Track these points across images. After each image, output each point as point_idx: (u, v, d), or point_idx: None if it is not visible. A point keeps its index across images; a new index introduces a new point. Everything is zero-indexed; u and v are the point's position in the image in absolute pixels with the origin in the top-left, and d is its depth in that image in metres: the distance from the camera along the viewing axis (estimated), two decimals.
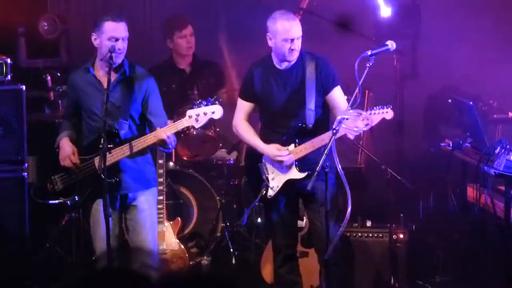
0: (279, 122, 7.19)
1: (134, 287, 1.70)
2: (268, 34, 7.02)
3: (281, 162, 6.96)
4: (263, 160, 7.13)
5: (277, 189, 7.03)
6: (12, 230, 7.39)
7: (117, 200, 6.95)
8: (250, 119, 7.31)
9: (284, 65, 7.11)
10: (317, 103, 7.08)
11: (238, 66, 8.94)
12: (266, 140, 7.05)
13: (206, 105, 6.81)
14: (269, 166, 7.12)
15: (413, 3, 8.99)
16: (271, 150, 7.02)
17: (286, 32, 6.94)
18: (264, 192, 7.03)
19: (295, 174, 7.03)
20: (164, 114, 7.16)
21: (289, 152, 6.97)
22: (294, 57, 6.98)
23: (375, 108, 6.93)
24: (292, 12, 7.22)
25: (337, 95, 7.14)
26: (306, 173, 6.98)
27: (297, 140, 7.02)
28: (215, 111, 6.79)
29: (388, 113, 6.95)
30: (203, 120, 6.79)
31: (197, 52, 9.06)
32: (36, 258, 7.61)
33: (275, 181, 7.07)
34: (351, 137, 6.84)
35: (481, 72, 8.47)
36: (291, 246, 7.27)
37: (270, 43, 7.04)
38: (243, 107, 7.22)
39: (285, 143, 7.03)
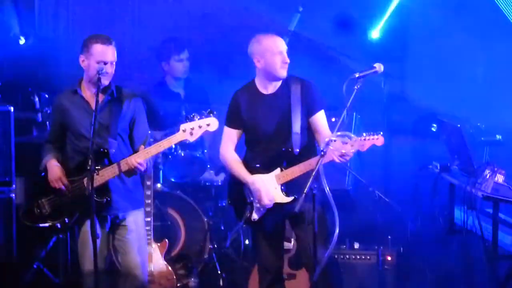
0: (265, 147, 7.15)
1: None
2: (256, 57, 7.02)
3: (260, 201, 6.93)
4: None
5: (263, 213, 6.98)
6: (0, 252, 7.40)
7: (107, 221, 6.91)
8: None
9: (270, 89, 7.12)
10: (303, 126, 7.06)
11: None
12: (252, 163, 7.02)
13: (201, 118, 6.77)
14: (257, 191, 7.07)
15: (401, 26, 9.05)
16: (253, 184, 6.96)
17: (275, 45, 7.00)
18: (249, 215, 6.99)
19: (281, 198, 6.99)
20: (149, 135, 7.11)
21: (275, 176, 6.94)
22: (285, 72, 6.98)
23: (365, 134, 6.84)
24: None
25: (321, 119, 7.15)
26: (292, 197, 6.94)
27: (284, 163, 6.98)
28: (211, 123, 6.78)
29: (378, 140, 6.90)
30: (198, 133, 6.79)
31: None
32: (23, 279, 7.62)
33: (260, 206, 7.02)
34: (337, 160, 6.85)
35: (469, 95, 8.52)
36: (277, 268, 7.21)
37: (259, 65, 7.04)
38: (230, 135, 7.19)
39: (270, 168, 6.99)
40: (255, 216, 6.99)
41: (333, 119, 7.32)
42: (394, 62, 8.17)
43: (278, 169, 6.98)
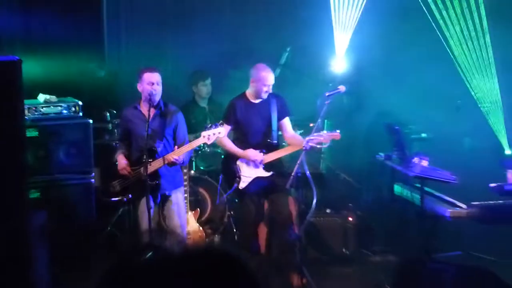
0: (251, 139, 7.24)
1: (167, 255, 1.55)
2: (252, 78, 7.16)
3: (255, 160, 7.10)
4: (238, 163, 7.20)
5: (247, 183, 7.14)
6: (84, 219, 7.32)
7: (157, 197, 6.97)
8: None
9: (257, 100, 7.25)
10: (277, 127, 7.26)
11: None
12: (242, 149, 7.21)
13: (215, 127, 6.83)
14: (242, 167, 7.21)
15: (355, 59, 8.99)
16: (250, 153, 7.15)
17: (265, 80, 7.12)
18: (237, 185, 7.12)
19: (262, 172, 7.18)
20: (186, 138, 7.11)
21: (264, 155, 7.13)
22: (266, 95, 7.16)
23: (328, 131, 7.16)
24: (268, 66, 7.29)
25: (286, 123, 7.34)
26: (271, 173, 7.16)
27: (264, 150, 7.17)
28: (221, 131, 6.85)
29: (337, 135, 7.09)
30: (212, 138, 6.83)
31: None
32: (100, 239, 7.61)
33: (246, 177, 7.18)
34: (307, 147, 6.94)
35: (405, 105, 8.42)
36: (258, 221, 7.34)
37: (252, 85, 7.19)
38: (226, 129, 7.14)
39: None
40: (242, 185, 7.14)
41: (311, 125, 7.52)
42: (352, 84, 8.01)
43: (261, 154, 7.14)
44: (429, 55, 8.76)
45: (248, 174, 7.19)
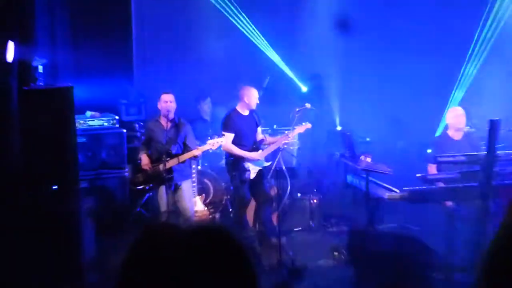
0: (245, 143, 7.14)
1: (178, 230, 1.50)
2: (245, 96, 7.11)
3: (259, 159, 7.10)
4: (245, 162, 7.08)
5: (254, 174, 7.15)
6: (120, 202, 7.25)
7: (171, 187, 6.90)
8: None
9: (245, 113, 7.17)
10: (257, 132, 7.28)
11: None
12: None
13: (219, 137, 6.97)
14: (250, 164, 7.12)
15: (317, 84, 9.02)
16: (253, 154, 7.09)
17: (255, 95, 7.19)
18: (246, 177, 7.08)
19: (264, 164, 7.17)
20: (195, 143, 7.09)
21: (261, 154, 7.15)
22: (255, 108, 7.18)
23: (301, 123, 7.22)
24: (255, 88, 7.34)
25: (259, 130, 7.32)
26: (270, 162, 7.19)
27: (261, 149, 7.21)
28: (223, 140, 6.95)
29: (307, 125, 7.21)
30: (215, 146, 6.93)
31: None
32: (131, 217, 7.55)
33: (252, 171, 7.12)
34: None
35: (353, 117, 8.48)
36: (249, 203, 7.34)
37: (246, 100, 7.12)
38: (229, 136, 7.05)
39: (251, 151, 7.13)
40: (251, 176, 7.13)
41: (286, 132, 7.49)
42: (315, 101, 8.09)
43: (260, 151, 7.17)
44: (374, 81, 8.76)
45: (253, 168, 7.17)
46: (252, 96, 7.14)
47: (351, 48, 8.76)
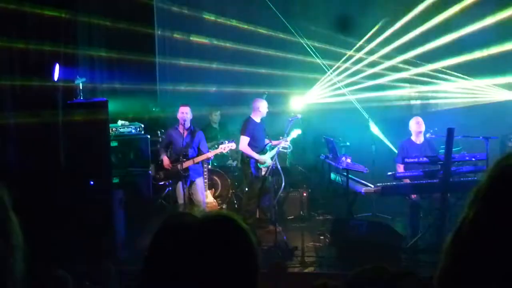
0: (257, 144, 6.99)
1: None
2: (259, 107, 6.97)
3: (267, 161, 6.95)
4: (259, 162, 6.93)
5: (263, 172, 6.97)
6: (145, 195, 7.26)
7: (187, 183, 6.83)
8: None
9: (258, 120, 7.02)
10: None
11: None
12: (255, 151, 6.96)
13: (230, 143, 6.90)
14: (262, 166, 7.00)
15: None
16: (265, 157, 6.95)
17: (266, 106, 7.08)
18: (263, 173, 6.86)
19: (268, 164, 6.92)
20: (207, 148, 6.98)
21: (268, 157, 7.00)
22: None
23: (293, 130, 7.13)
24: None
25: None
26: (273, 162, 6.93)
27: (268, 149, 7.11)
28: (232, 145, 6.90)
29: (298, 131, 7.13)
30: (226, 149, 6.91)
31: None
32: (154, 207, 7.45)
33: (264, 169, 6.94)
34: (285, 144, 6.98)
35: (336, 125, 8.37)
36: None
37: (258, 110, 6.97)
38: (245, 139, 6.91)
39: (263, 152, 7.00)
40: (262, 173, 6.96)
41: (281, 138, 7.29)
42: (304, 113, 7.92)
43: (268, 153, 7.05)
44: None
45: (263, 167, 7.05)
46: (263, 107, 7.06)
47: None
